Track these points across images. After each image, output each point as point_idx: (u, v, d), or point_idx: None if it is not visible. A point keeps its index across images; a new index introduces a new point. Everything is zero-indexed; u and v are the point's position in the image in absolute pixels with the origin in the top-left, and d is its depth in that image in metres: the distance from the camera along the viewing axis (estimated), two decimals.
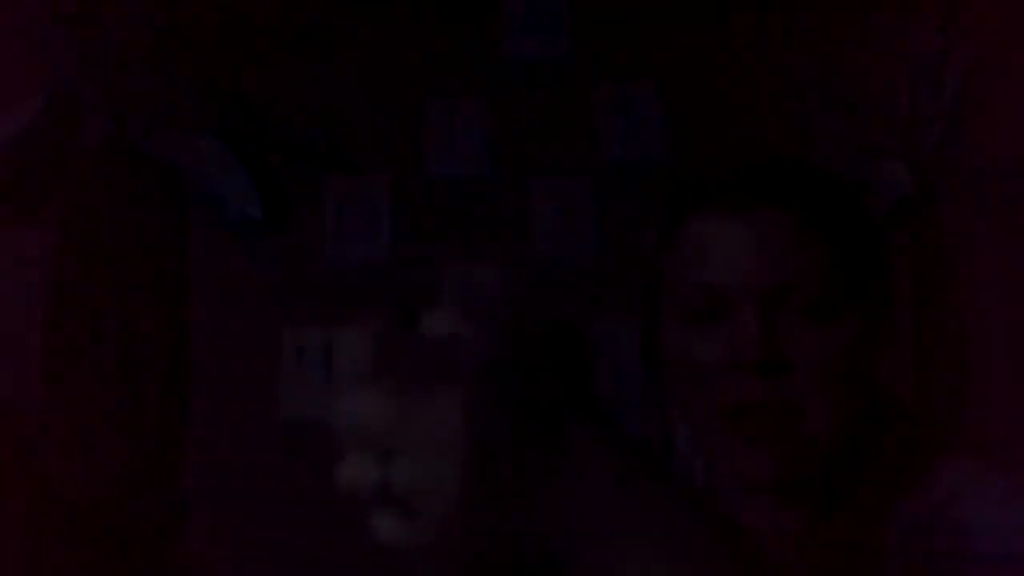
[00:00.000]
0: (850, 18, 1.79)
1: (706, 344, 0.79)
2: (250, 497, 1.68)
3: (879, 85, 1.77)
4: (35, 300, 1.67)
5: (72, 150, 1.72)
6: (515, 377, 0.49)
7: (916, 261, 1.74)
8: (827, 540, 0.82)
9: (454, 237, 1.80)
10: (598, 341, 1.75)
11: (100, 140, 1.71)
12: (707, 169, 0.86)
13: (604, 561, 0.49)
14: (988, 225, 1.72)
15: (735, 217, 0.79)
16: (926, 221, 1.75)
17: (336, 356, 0.50)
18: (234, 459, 1.68)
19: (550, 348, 0.60)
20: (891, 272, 0.86)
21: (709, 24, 1.85)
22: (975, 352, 1.71)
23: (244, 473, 1.68)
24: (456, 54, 1.86)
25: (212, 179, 1.73)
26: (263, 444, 1.69)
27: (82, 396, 1.64)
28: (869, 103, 1.77)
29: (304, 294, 1.76)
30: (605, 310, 1.75)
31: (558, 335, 0.67)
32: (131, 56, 1.72)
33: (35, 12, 1.68)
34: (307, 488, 1.68)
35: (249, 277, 1.76)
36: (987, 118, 1.75)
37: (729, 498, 0.88)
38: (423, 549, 0.47)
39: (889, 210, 1.75)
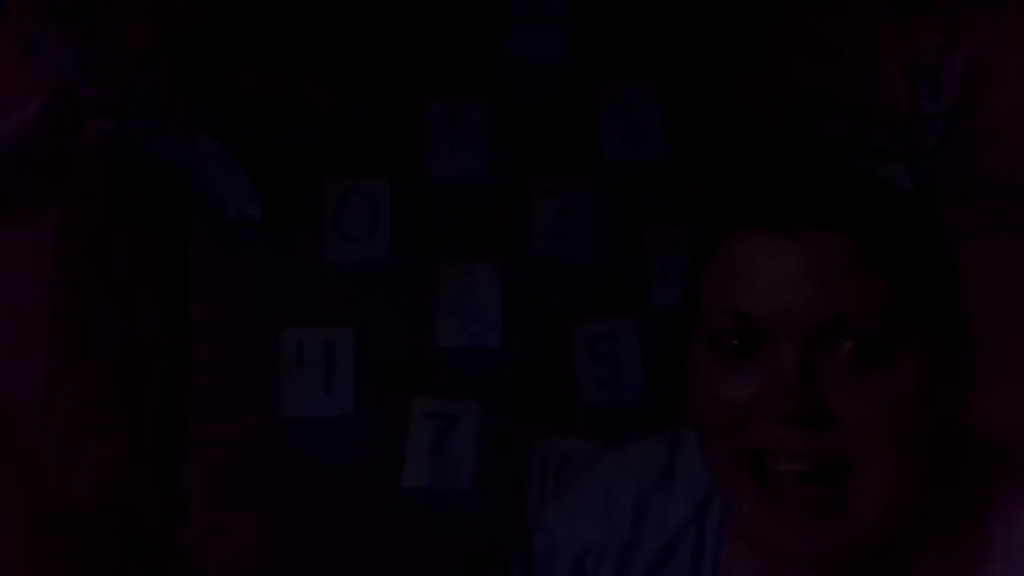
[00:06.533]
0: (850, 18, 1.79)
1: (735, 380, 0.69)
2: (250, 497, 1.68)
3: (879, 85, 1.77)
4: (35, 300, 1.67)
5: (72, 150, 1.72)
6: None
7: None
8: None
9: (454, 237, 1.80)
10: (598, 341, 1.75)
11: (100, 140, 1.71)
12: (752, 179, 0.74)
13: None
14: (987, 225, 1.72)
15: (780, 238, 0.67)
16: None
17: None
18: (234, 459, 1.68)
19: None
20: (962, 302, 0.75)
21: (709, 24, 1.85)
22: (974, 352, 1.71)
23: (244, 473, 1.68)
24: (456, 54, 1.86)
25: (212, 179, 1.73)
26: (263, 444, 1.69)
27: (82, 396, 1.64)
28: (869, 103, 1.77)
29: (304, 294, 1.76)
30: (605, 310, 1.75)
31: None
32: (131, 56, 1.72)
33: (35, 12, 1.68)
34: (306, 488, 1.68)
35: (249, 277, 1.76)
36: (987, 118, 1.75)
37: (753, 561, 0.78)
38: None
39: None
